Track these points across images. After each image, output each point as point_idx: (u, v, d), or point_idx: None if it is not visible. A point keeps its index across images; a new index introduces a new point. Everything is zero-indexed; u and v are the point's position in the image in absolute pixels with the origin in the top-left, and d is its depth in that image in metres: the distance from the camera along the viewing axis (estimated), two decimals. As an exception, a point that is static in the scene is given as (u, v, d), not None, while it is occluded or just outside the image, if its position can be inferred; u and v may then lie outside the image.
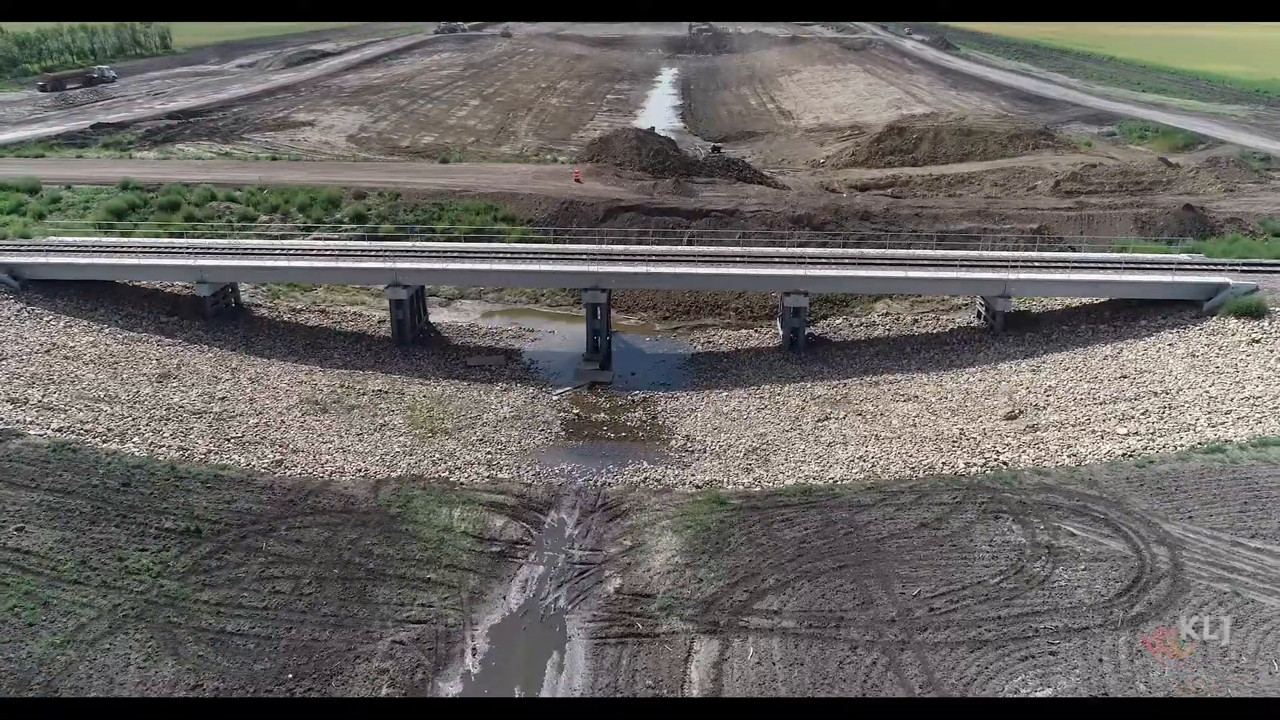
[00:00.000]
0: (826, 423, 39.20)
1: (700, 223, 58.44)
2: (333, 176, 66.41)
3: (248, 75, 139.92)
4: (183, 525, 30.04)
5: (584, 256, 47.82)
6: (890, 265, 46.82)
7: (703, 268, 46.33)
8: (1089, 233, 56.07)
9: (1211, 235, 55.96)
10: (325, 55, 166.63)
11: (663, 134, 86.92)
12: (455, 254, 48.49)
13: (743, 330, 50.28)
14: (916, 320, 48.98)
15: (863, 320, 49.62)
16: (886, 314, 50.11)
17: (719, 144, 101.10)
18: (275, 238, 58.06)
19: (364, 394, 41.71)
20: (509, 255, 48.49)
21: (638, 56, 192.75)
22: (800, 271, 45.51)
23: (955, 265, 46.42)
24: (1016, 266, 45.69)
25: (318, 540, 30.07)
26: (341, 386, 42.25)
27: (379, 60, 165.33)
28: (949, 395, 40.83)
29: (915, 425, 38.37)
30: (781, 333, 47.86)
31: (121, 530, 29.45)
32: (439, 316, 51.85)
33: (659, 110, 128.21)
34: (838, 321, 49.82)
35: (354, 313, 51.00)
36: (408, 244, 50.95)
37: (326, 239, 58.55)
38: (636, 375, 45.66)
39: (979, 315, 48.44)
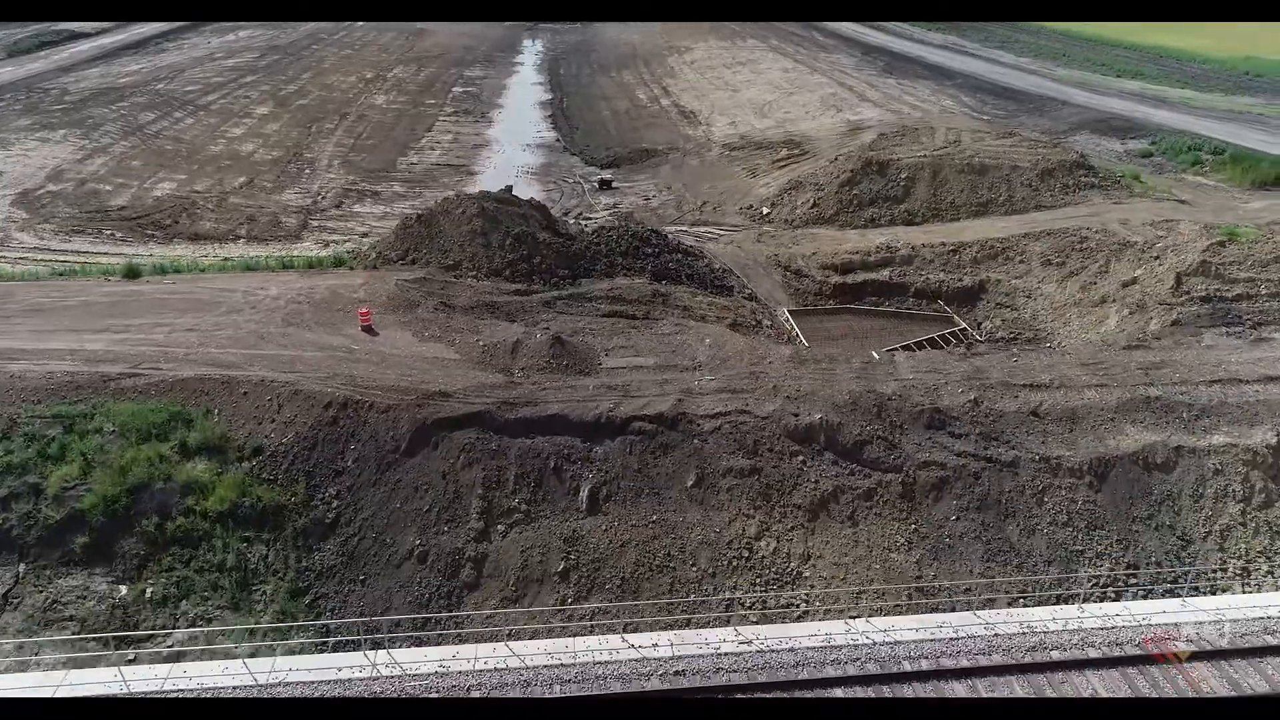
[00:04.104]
0: None
1: (607, 450, 28.51)
2: None
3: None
4: None
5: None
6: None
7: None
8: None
9: None
10: (76, 36, 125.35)
11: (525, 194, 56.52)
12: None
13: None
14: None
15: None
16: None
17: (608, 172, 71.08)
18: None
19: None
20: None
21: (495, 26, 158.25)
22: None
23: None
24: None
25: None
26: None
27: (150, 42, 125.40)
28: None
29: None
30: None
31: None
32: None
33: (521, 111, 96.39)
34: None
35: None
36: None
37: None
38: None
39: None
